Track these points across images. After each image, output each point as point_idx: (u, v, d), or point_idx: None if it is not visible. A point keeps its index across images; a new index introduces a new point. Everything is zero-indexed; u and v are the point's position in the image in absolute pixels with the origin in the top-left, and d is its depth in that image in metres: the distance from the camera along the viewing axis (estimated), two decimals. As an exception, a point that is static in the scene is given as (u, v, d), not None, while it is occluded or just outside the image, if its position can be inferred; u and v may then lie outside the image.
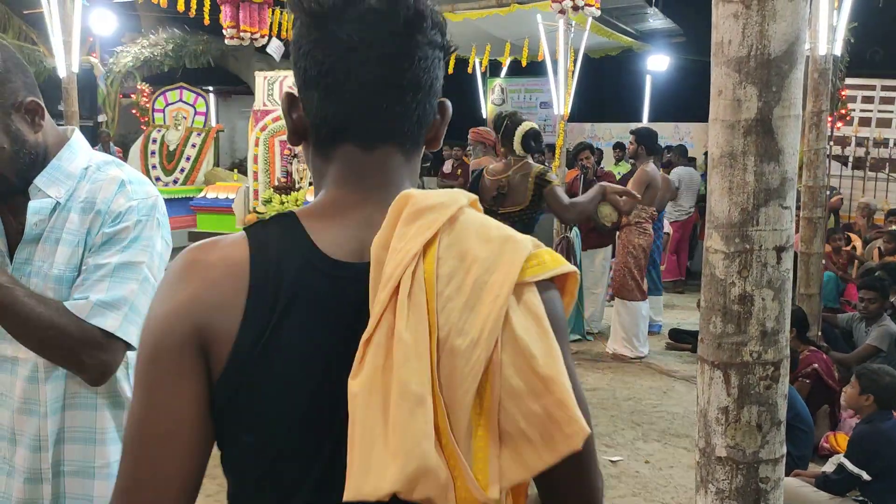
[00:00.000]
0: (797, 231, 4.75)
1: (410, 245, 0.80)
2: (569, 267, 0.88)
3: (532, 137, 4.13)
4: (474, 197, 0.88)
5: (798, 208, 4.67)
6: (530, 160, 4.24)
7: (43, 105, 1.40)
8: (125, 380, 1.49)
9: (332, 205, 0.90)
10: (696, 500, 1.72)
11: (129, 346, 1.39)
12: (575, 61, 7.46)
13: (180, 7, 8.10)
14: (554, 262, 0.87)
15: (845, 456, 3.41)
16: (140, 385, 0.85)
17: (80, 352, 1.34)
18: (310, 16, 0.87)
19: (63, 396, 1.44)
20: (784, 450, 1.64)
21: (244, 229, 0.90)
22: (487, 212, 4.14)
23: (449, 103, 0.96)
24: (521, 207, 4.07)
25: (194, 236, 9.20)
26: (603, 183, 4.25)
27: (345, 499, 0.76)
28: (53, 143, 1.44)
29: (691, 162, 9.86)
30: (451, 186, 9.71)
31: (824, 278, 5.62)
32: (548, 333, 0.81)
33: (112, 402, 1.48)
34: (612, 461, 4.10)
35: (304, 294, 0.83)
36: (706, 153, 10.93)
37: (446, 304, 0.80)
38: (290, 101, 0.92)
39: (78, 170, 1.43)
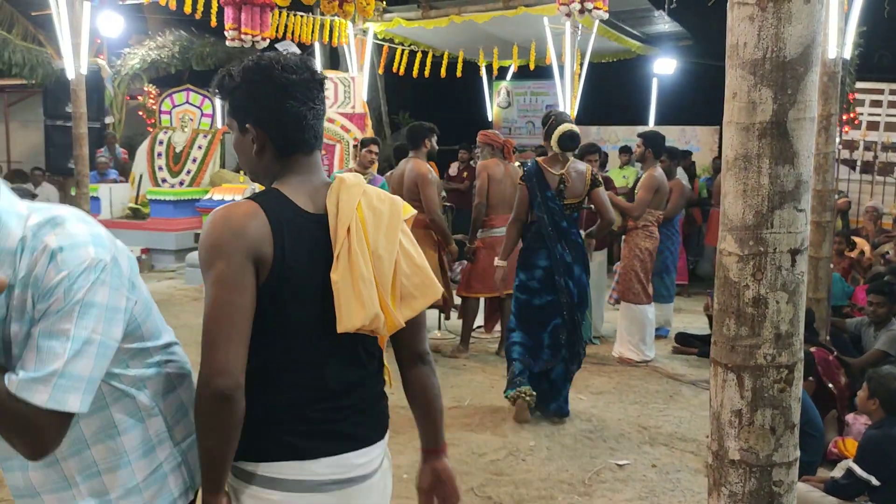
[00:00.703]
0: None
1: (351, 204, 1.56)
2: (414, 212, 1.69)
3: (568, 138, 4.64)
4: (361, 177, 1.63)
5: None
6: (573, 158, 4.77)
7: None
8: (141, 392, 1.48)
9: (297, 184, 1.59)
10: (709, 503, 1.71)
11: (67, 415, 1.30)
12: (581, 64, 7.46)
13: (187, 9, 8.11)
14: (410, 210, 1.67)
15: (854, 461, 3.38)
16: (220, 283, 1.45)
17: (10, 431, 1.29)
18: (278, 86, 1.55)
19: (82, 438, 1.42)
20: (798, 453, 1.64)
21: (248, 198, 1.54)
22: (552, 200, 4.49)
23: None
24: (579, 200, 4.67)
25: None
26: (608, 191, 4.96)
27: (338, 331, 1.52)
28: None
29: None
30: (457, 189, 9.72)
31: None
32: (415, 244, 1.66)
33: (135, 419, 1.48)
34: (618, 465, 4.08)
35: (299, 231, 1.53)
36: (714, 158, 10.91)
37: (372, 234, 1.56)
38: (255, 129, 1.59)
39: (15, 243, 1.31)
